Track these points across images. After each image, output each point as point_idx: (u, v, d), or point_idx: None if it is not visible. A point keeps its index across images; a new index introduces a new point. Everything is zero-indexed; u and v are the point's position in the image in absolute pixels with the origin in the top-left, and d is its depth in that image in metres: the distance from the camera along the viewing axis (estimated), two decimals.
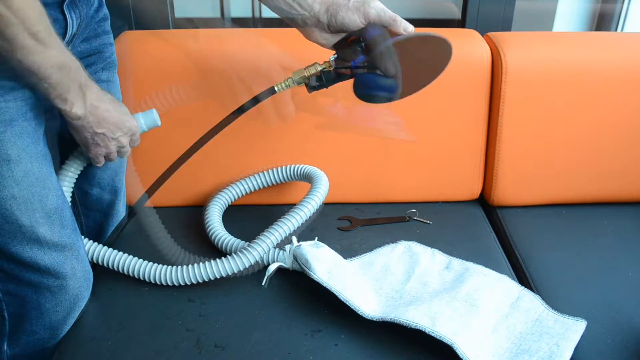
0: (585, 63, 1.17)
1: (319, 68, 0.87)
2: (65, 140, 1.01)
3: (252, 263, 0.96)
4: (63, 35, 0.85)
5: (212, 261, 0.95)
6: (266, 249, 0.96)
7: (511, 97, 1.16)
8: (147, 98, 1.03)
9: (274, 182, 1.19)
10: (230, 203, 1.19)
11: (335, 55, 0.86)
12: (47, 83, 0.75)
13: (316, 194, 1.03)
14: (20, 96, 0.81)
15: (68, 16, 0.84)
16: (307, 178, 1.15)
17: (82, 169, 1.00)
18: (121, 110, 0.90)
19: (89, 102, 0.82)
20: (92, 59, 0.97)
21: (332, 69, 0.86)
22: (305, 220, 1.00)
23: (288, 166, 1.17)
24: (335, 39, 0.87)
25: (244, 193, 1.19)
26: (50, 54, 0.73)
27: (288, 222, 0.97)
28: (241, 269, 0.95)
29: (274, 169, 1.18)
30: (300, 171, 1.16)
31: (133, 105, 1.12)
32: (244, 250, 0.95)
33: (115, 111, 0.88)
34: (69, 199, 1.00)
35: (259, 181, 1.18)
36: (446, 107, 1.19)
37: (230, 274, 0.95)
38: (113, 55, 1.04)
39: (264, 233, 0.98)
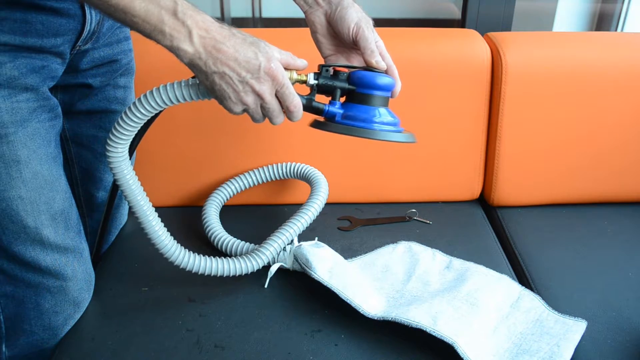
0: (585, 63, 1.17)
1: (295, 77, 0.77)
2: (67, 140, 1.01)
3: (264, 264, 0.97)
4: (80, 31, 0.84)
5: (226, 259, 0.95)
6: (278, 249, 0.98)
7: (511, 97, 1.16)
8: None
9: (269, 179, 1.19)
10: (227, 200, 1.19)
11: (315, 83, 0.79)
12: (134, 16, 0.65)
13: (320, 195, 1.06)
14: (34, 97, 0.81)
15: (87, 12, 0.83)
16: (304, 177, 1.15)
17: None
18: (247, 41, 0.70)
19: (195, 32, 0.67)
20: (113, 66, 0.97)
21: (306, 86, 0.79)
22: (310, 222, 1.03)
23: (284, 164, 1.18)
24: (326, 37, 0.86)
25: (240, 189, 1.19)
26: None
27: (298, 222, 1.00)
28: (254, 270, 0.96)
29: (269, 166, 1.18)
30: (296, 170, 1.16)
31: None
32: (257, 252, 0.97)
33: (236, 42, 0.69)
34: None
35: (254, 178, 1.18)
36: (446, 107, 1.19)
37: (239, 274, 0.95)
38: (132, 61, 1.03)
39: (275, 234, 0.99)
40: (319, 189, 1.08)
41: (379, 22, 0.86)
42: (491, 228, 1.20)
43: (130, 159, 0.85)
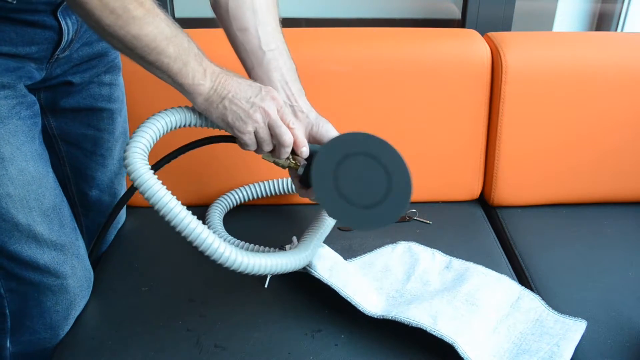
0: (585, 63, 1.17)
1: (287, 163, 0.85)
2: (55, 139, 1.01)
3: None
4: (58, 42, 0.84)
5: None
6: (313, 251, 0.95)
7: (511, 97, 1.16)
8: None
9: (282, 193, 1.18)
10: (234, 206, 1.18)
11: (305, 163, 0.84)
12: (166, 57, 0.72)
13: None
14: (12, 94, 0.81)
15: (63, 23, 0.83)
16: None
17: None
18: (242, 77, 0.80)
19: (209, 70, 0.76)
20: (93, 63, 0.97)
21: (298, 167, 0.85)
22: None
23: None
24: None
25: (250, 198, 1.18)
26: (160, 24, 0.70)
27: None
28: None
29: (285, 180, 1.17)
30: None
31: (136, 108, 1.12)
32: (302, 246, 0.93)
33: (235, 75, 0.79)
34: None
35: (267, 189, 1.17)
36: (446, 107, 1.19)
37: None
38: (117, 58, 1.03)
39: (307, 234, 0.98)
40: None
41: (379, 22, 0.86)
42: (491, 228, 1.20)
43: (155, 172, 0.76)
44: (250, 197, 1.19)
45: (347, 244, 1.10)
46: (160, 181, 0.74)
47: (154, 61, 0.72)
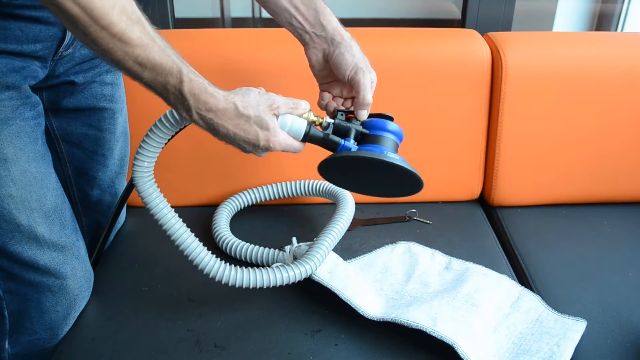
0: (585, 63, 1.17)
1: (312, 118, 0.81)
2: (57, 139, 1.01)
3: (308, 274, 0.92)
4: (62, 38, 0.85)
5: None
6: (321, 260, 0.94)
7: (511, 97, 1.16)
8: None
9: (293, 195, 1.18)
10: (242, 208, 1.18)
11: (331, 122, 0.82)
12: (143, 81, 0.69)
13: (348, 209, 1.06)
14: (17, 95, 0.81)
15: None
16: (331, 196, 1.14)
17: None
18: (251, 120, 0.74)
19: (194, 111, 0.72)
20: (95, 62, 0.97)
21: (320, 128, 0.82)
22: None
23: (312, 181, 1.16)
24: (323, 71, 0.88)
25: (259, 200, 1.18)
26: (134, 52, 0.65)
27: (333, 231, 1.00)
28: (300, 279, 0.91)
29: (297, 182, 1.16)
30: (323, 188, 1.15)
31: (137, 108, 1.12)
32: (304, 260, 0.92)
33: (237, 124, 0.74)
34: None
35: (277, 191, 1.17)
36: (446, 107, 1.19)
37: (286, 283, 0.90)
38: None
39: (315, 245, 0.95)
40: (346, 204, 1.07)
41: (379, 22, 0.87)
42: (491, 228, 1.20)
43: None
44: (260, 200, 1.18)
45: (347, 244, 1.10)
46: (173, 209, 0.85)
47: (132, 79, 0.70)
